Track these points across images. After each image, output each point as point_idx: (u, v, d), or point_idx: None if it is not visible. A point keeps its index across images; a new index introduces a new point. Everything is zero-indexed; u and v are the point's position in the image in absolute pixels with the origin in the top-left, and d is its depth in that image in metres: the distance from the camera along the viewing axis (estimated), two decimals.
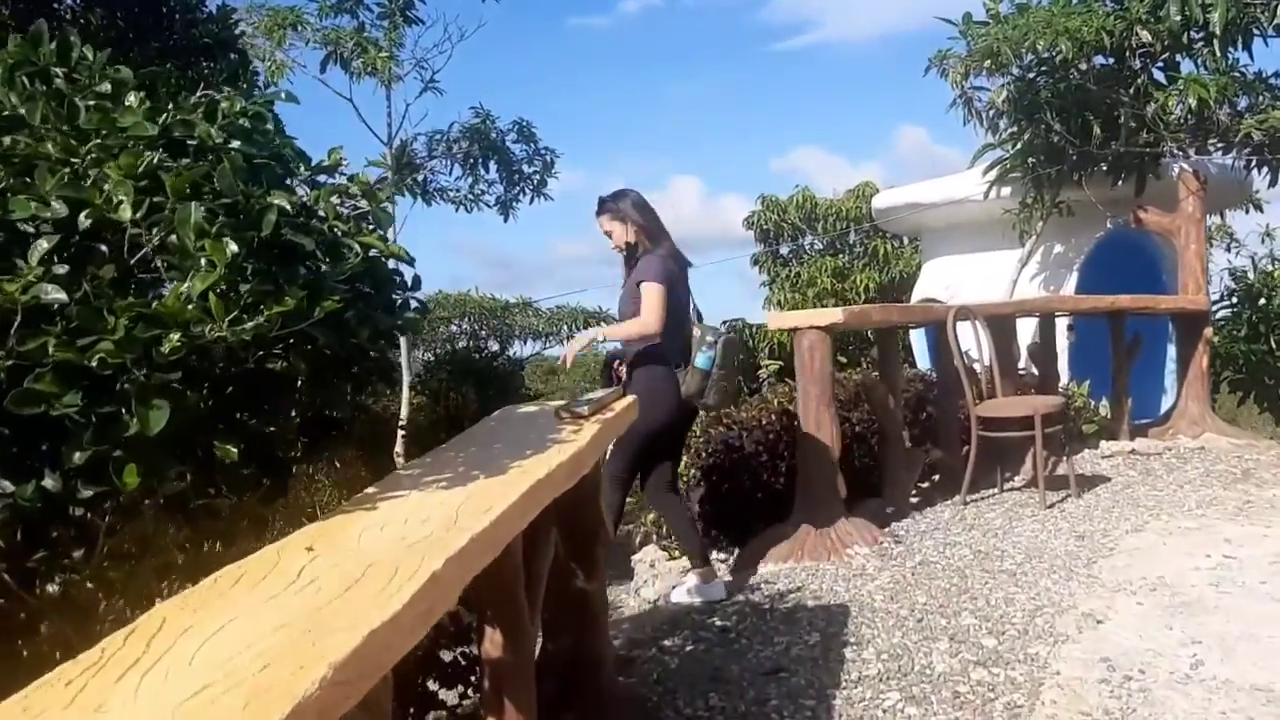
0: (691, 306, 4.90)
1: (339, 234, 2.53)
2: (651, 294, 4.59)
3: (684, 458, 6.02)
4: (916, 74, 13.95)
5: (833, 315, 5.67)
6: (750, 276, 17.45)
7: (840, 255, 16.64)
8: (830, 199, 16.93)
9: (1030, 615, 4.38)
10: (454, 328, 19.55)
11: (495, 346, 20.54)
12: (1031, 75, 10.04)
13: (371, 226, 2.74)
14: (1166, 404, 10.98)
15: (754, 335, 15.59)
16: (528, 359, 20.84)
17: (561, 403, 3.36)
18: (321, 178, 2.63)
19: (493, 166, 13.95)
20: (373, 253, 2.56)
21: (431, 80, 12.99)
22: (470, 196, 14.00)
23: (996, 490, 6.77)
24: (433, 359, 10.03)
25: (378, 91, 12.85)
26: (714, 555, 5.88)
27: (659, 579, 5.99)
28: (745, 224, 17.30)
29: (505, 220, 13.86)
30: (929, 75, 10.74)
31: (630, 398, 3.57)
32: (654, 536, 6.16)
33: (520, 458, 2.72)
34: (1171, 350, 10.78)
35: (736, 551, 5.89)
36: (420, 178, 13.82)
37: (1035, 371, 8.22)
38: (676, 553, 6.01)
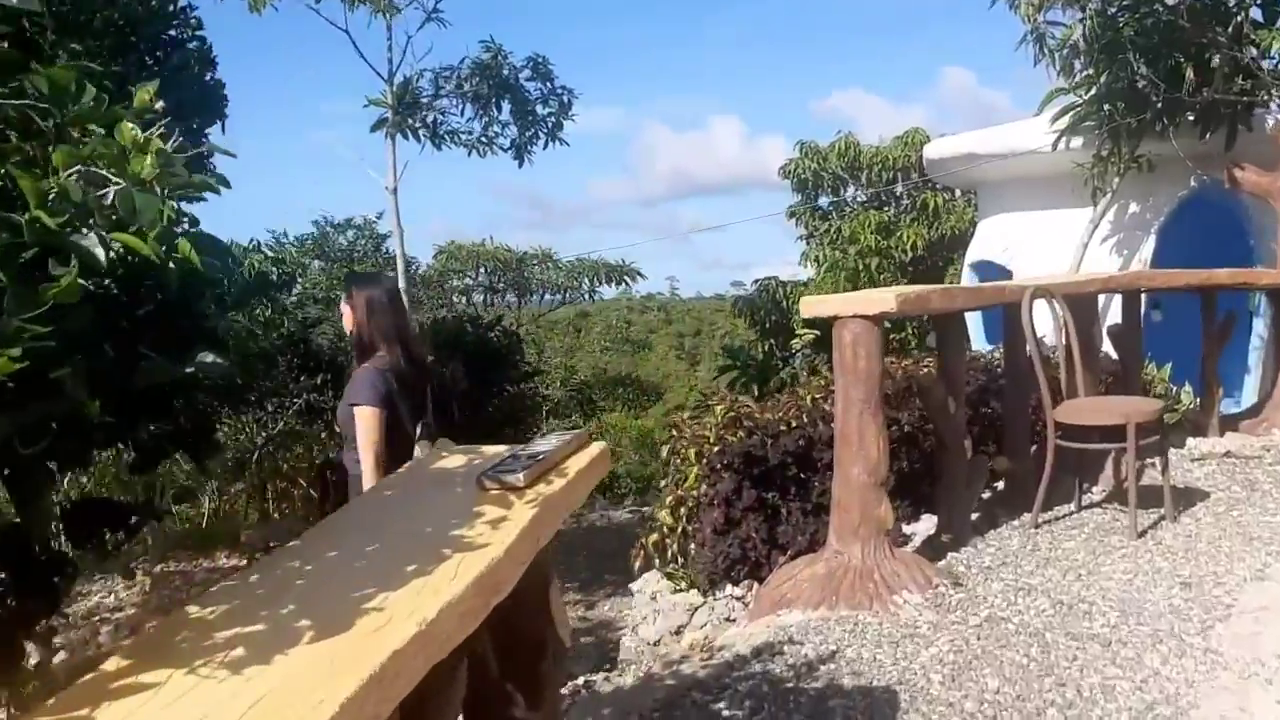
0: (421, 422, 4.23)
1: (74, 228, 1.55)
2: (364, 420, 4.02)
3: (695, 470, 5.02)
4: (964, 10, 12.71)
5: (883, 301, 4.58)
6: (790, 229, 16.30)
7: (885, 209, 15.44)
8: (876, 146, 15.69)
9: (1139, 718, 3.34)
10: (468, 280, 18.58)
11: (513, 298, 19.68)
12: (1113, 9, 8.82)
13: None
14: (1250, 390, 9.88)
15: (787, 296, 14.51)
16: (542, 315, 19.95)
17: (494, 462, 2.33)
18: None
19: (505, 106, 12.94)
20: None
21: (435, 10, 11.90)
22: (483, 140, 12.99)
23: (1073, 508, 5.70)
24: (430, 324, 9.04)
25: (375, 22, 11.79)
26: (729, 593, 4.88)
27: (660, 615, 5.01)
28: (781, 173, 16.11)
29: (520, 165, 12.87)
30: (994, 9, 9.56)
31: (599, 446, 2.53)
32: (655, 561, 5.15)
33: (391, 585, 1.72)
34: (1260, 329, 9.65)
35: (755, 588, 4.87)
36: (429, 119, 12.80)
37: (1115, 357, 7.10)
38: (683, 585, 5.01)
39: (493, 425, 7.46)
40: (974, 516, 5.57)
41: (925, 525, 5.58)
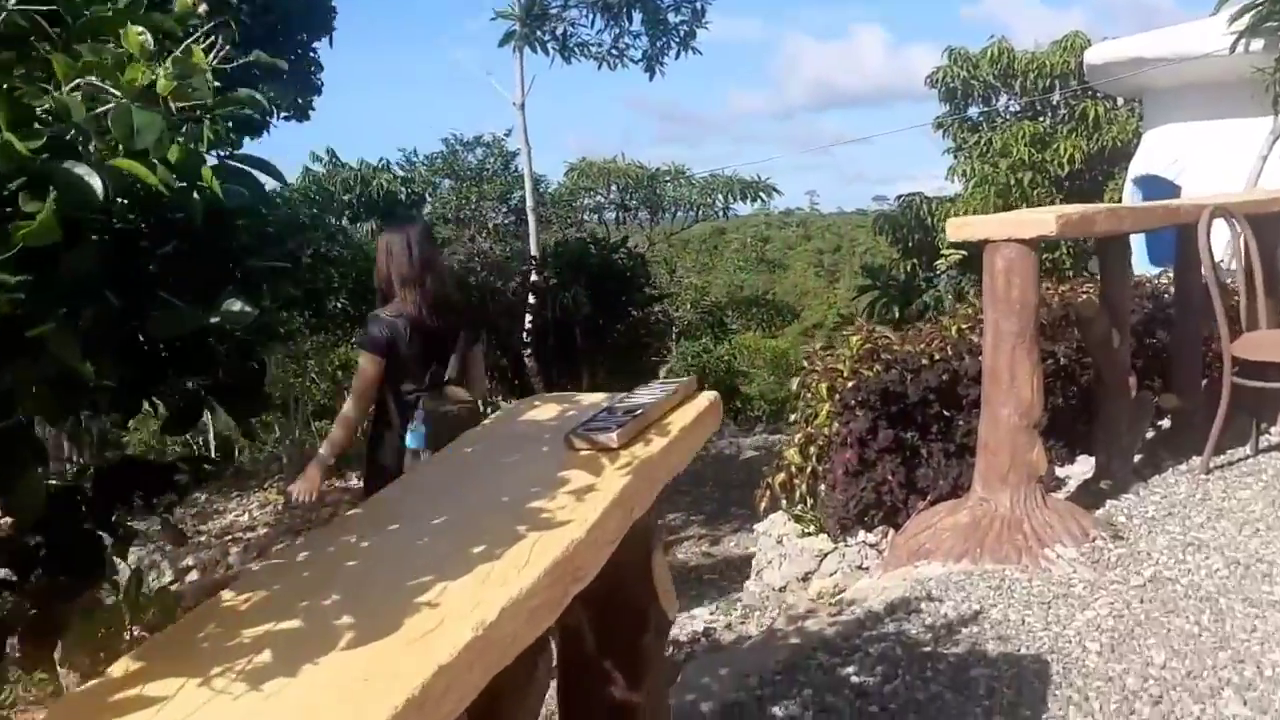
0: (449, 365, 4.18)
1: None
2: (360, 365, 4.18)
3: (827, 406, 4.68)
4: None
5: (1040, 223, 4.12)
6: (936, 141, 15.51)
7: (1040, 119, 14.52)
8: (1031, 52, 14.73)
9: None
10: (599, 198, 18.31)
11: (645, 216, 19.33)
12: None
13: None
14: None
15: (932, 213, 13.83)
16: (674, 234, 19.48)
17: (587, 416, 2.06)
18: None
19: (636, 16, 12.51)
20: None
21: None
22: (613, 51, 12.62)
23: (1249, 452, 5.17)
24: (552, 246, 8.79)
25: None
26: (861, 539, 4.56)
27: (787, 560, 4.72)
28: (929, 82, 15.30)
29: (651, 79, 12.48)
30: None
31: (708, 397, 2.24)
32: (783, 502, 4.85)
33: (451, 572, 1.47)
34: None
35: (890, 535, 4.54)
36: (558, 31, 12.48)
37: None
38: (812, 529, 4.72)
39: (617, 351, 7.23)
40: (1136, 459, 5.10)
41: (1081, 468, 5.14)
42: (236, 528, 8.30)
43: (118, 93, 1.32)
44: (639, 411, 2.04)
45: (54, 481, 1.68)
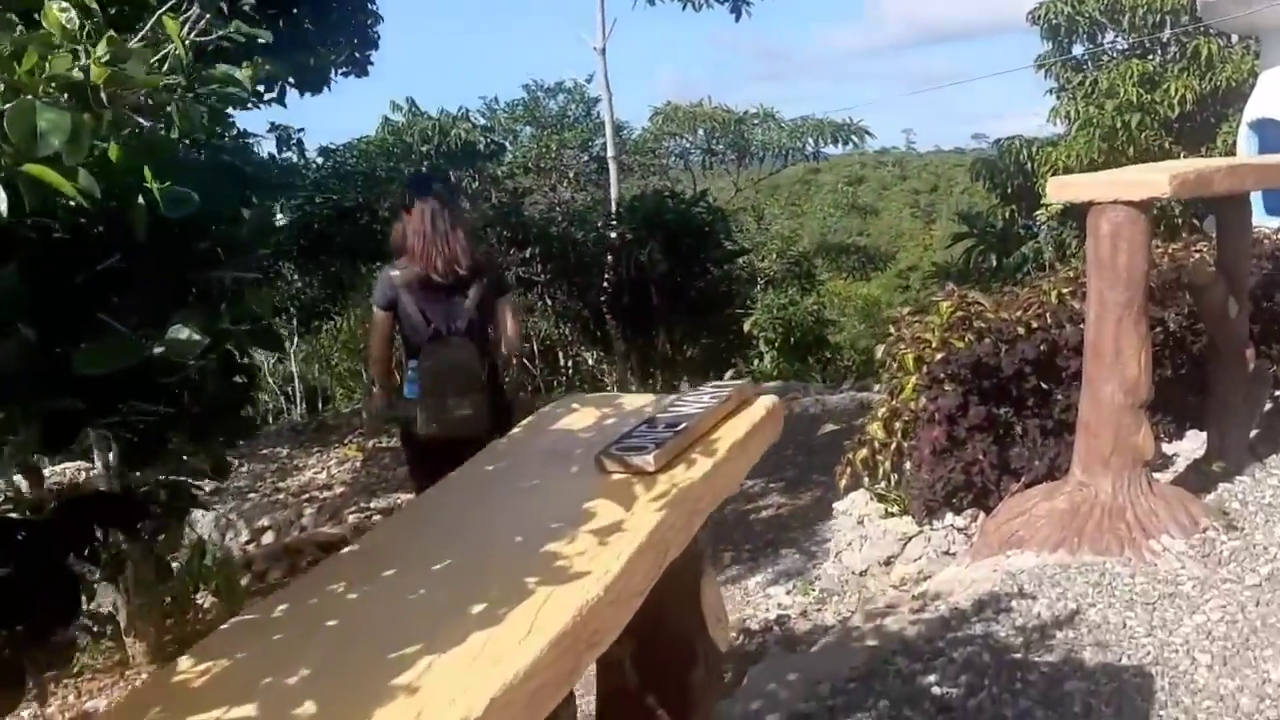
0: (460, 318, 4.30)
1: None
2: (372, 321, 4.61)
3: (914, 379, 4.39)
4: None
5: (1152, 183, 3.73)
6: (1038, 81, 14.78)
7: (1149, 58, 13.74)
8: None
9: None
10: (685, 143, 17.90)
11: (734, 159, 18.88)
12: None
13: None
14: None
15: (1033, 158, 13.21)
16: (762, 179, 18.96)
17: (624, 430, 1.82)
18: None
19: None
20: None
21: None
22: None
23: None
24: (628, 200, 8.49)
25: None
26: (948, 523, 4.27)
27: (868, 542, 4.46)
28: (1030, 18, 14.57)
29: (737, 20, 12.04)
30: None
31: (765, 405, 1.98)
32: (865, 479, 4.57)
33: (442, 640, 1.25)
34: None
35: (980, 520, 4.23)
36: None
37: None
38: (895, 509, 4.44)
39: (694, 309, 6.96)
40: (1252, 436, 4.71)
41: (1190, 444, 4.77)
42: (314, 485, 8.27)
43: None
44: (682, 426, 1.79)
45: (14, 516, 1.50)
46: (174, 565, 5.11)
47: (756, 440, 1.88)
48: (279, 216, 6.26)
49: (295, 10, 4.69)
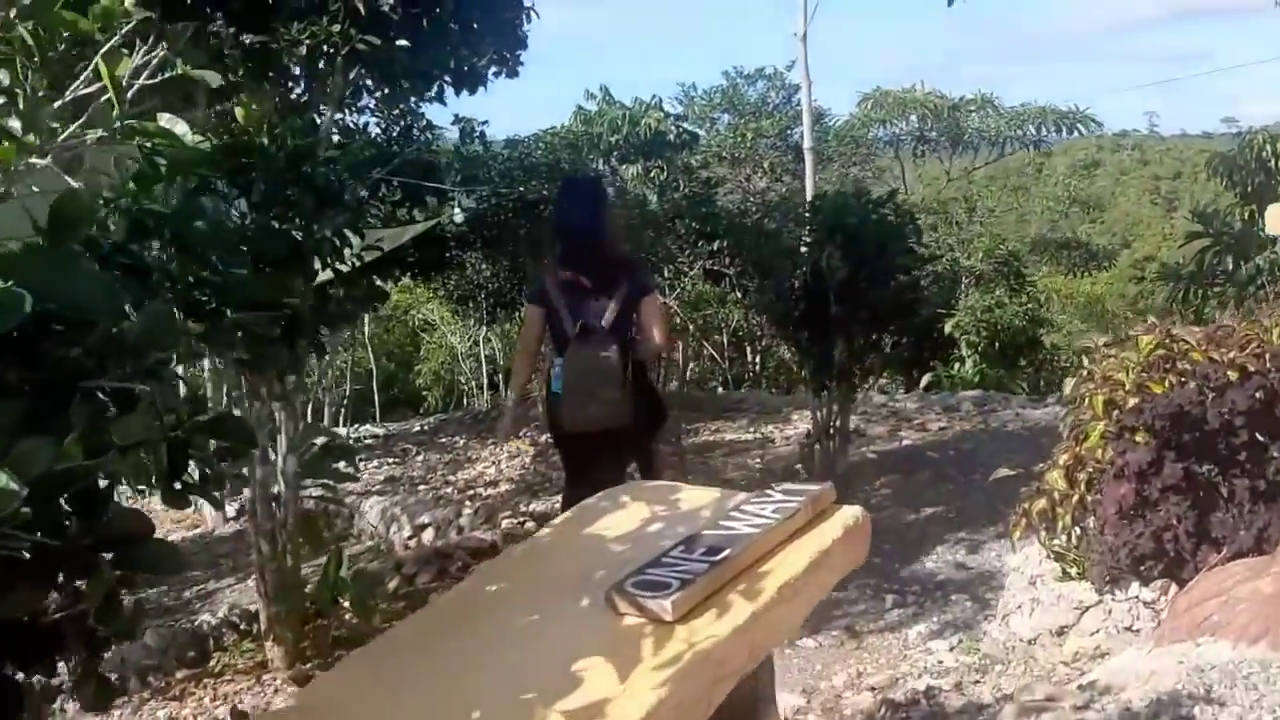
0: (604, 315, 4.39)
1: None
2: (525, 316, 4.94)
3: (1100, 426, 3.87)
4: None
5: None
6: None
7: None
8: None
9: None
10: (895, 130, 17.18)
11: (947, 145, 17.99)
12: None
13: None
14: None
15: (1277, 153, 11.93)
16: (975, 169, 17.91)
17: (653, 556, 1.51)
18: None
19: None
20: None
21: None
22: None
23: None
24: (809, 201, 8.02)
25: None
26: (1133, 594, 3.74)
27: (1040, 607, 3.98)
28: None
29: (950, 3, 11.37)
30: None
31: (845, 520, 1.62)
32: (1041, 531, 4.06)
33: None
34: None
35: (1171, 594, 3.68)
36: None
37: None
38: (1074, 572, 3.93)
39: (875, 319, 6.48)
40: None
41: None
42: (481, 481, 8.25)
43: None
44: (724, 555, 1.46)
45: None
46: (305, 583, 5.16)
47: (822, 575, 1.53)
48: (456, 211, 6.15)
49: (438, 10, 4.57)
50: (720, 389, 13.55)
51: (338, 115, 8.89)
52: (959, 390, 10.86)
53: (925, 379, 12.03)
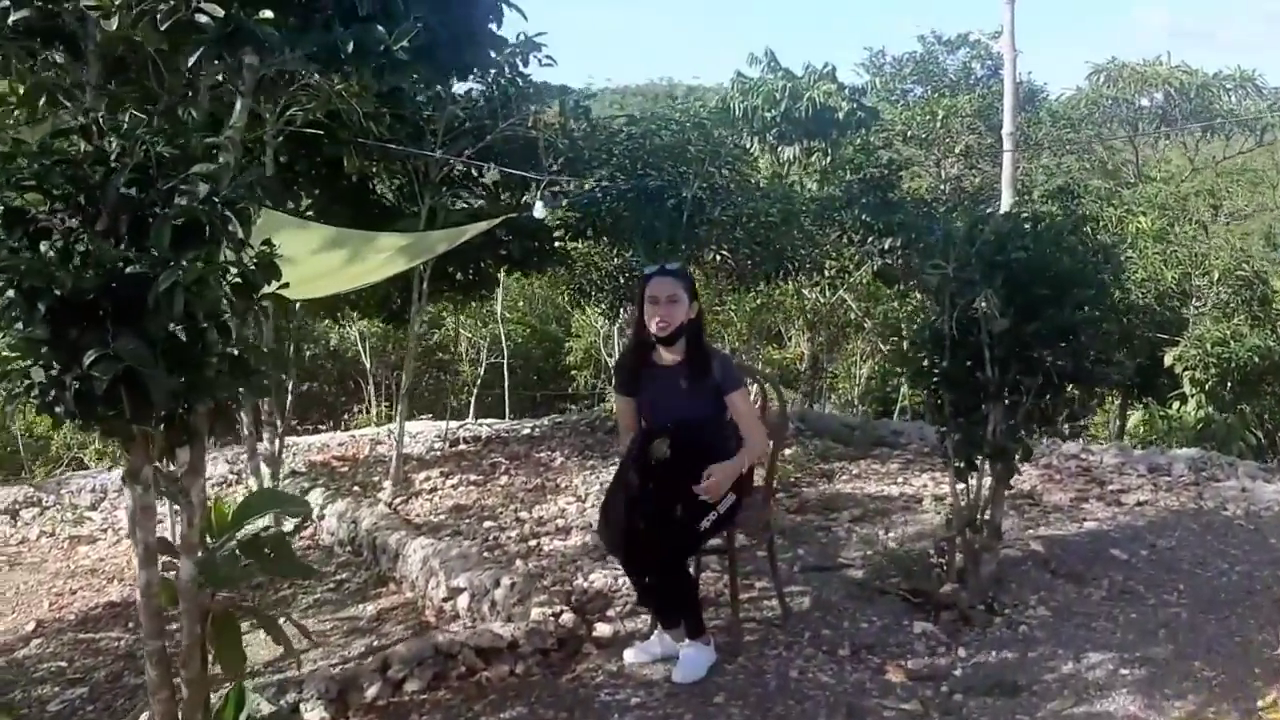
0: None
1: None
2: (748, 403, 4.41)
3: None
4: None
5: None
6: None
7: None
8: None
9: None
10: (1130, 109, 14.89)
11: (1195, 130, 15.54)
12: None
13: None
14: None
15: None
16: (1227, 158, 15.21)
17: None
18: None
19: None
20: None
21: None
22: None
23: None
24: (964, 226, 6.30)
25: None
26: None
27: None
28: None
29: None
30: None
31: None
32: None
33: None
34: None
35: None
36: None
37: None
38: None
39: (1048, 385, 4.88)
40: None
41: None
42: (553, 525, 7.01)
43: None
44: None
45: None
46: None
47: None
48: (537, 205, 4.71)
49: None
50: (884, 413, 11.97)
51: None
52: (1173, 443, 8.96)
53: (1134, 418, 10.12)
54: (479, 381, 14.67)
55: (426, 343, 15.43)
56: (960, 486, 5.25)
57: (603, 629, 4.99)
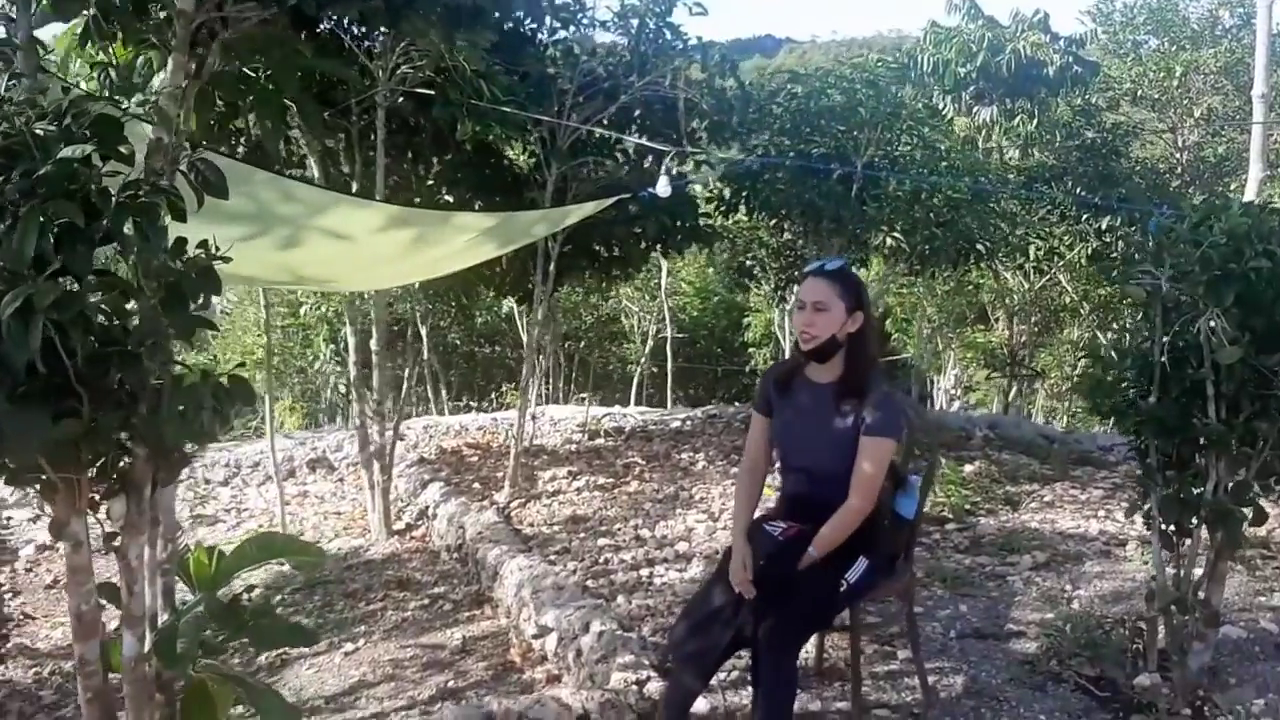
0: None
1: None
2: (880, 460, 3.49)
3: None
4: None
5: None
6: None
7: None
8: None
9: None
10: None
11: None
12: None
13: None
14: None
15: None
16: None
17: None
18: None
19: None
20: None
21: None
22: None
23: None
24: (1182, 224, 4.91)
25: None
26: None
27: None
28: None
29: None
30: None
31: None
32: None
33: None
34: None
35: None
36: None
37: None
38: None
39: None
40: None
41: None
42: (673, 550, 6.17)
43: None
44: None
45: None
46: None
47: None
48: (662, 182, 3.77)
49: None
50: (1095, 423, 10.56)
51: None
52: None
53: None
54: (644, 360, 13.93)
55: (597, 314, 14.79)
56: (1167, 554, 4.13)
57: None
